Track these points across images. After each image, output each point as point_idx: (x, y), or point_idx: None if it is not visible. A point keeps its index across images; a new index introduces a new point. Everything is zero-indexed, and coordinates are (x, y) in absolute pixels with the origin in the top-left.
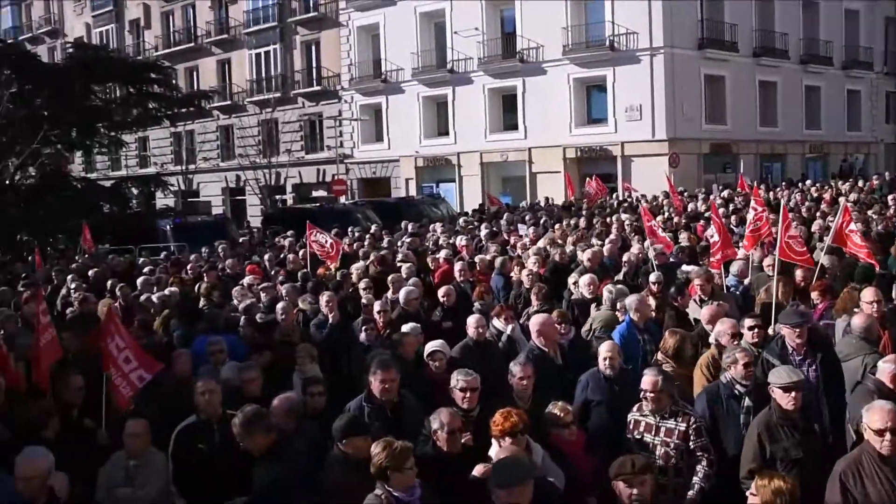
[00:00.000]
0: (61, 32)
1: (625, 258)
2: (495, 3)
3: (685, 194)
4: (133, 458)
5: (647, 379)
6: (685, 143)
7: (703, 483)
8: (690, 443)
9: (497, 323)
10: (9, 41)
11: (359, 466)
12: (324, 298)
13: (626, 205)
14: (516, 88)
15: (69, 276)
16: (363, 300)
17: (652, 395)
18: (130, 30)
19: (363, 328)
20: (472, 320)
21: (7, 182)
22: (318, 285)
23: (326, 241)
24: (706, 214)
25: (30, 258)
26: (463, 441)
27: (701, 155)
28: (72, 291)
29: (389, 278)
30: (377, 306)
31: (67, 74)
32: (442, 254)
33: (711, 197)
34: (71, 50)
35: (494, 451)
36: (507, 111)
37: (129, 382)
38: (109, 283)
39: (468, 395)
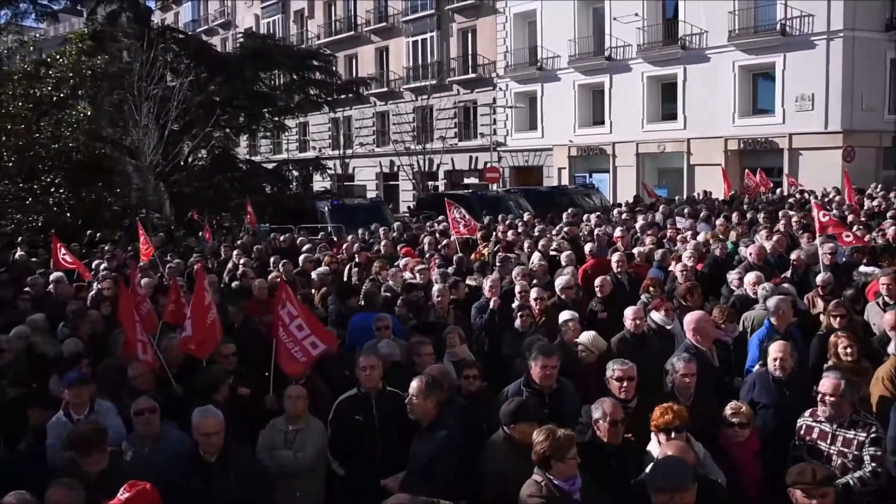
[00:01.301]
0: (233, 24)
1: (793, 256)
2: None
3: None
4: (292, 423)
5: (828, 382)
6: (862, 136)
7: (857, 482)
8: (864, 451)
9: (657, 316)
10: (188, 33)
11: (522, 452)
12: (487, 282)
13: (791, 200)
14: (676, 77)
15: (235, 252)
16: (517, 287)
17: (832, 399)
18: (295, 20)
19: (518, 314)
20: (629, 311)
21: (182, 163)
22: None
23: (463, 217)
24: (888, 214)
25: (200, 233)
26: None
27: (881, 149)
28: (239, 266)
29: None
30: (534, 293)
31: (239, 63)
32: (587, 247)
33: (893, 195)
34: (242, 40)
35: (653, 447)
36: (665, 100)
37: (302, 349)
38: (272, 259)
39: (625, 384)
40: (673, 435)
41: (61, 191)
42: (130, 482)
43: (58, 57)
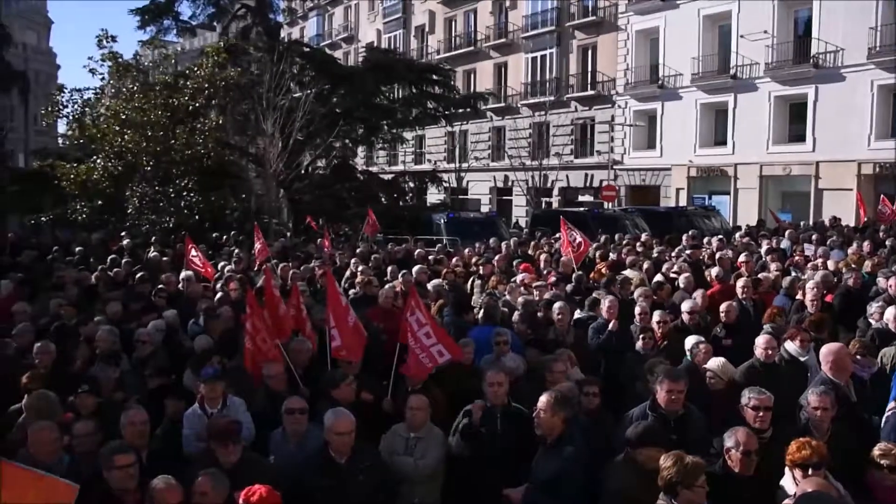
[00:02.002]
0: (356, 38)
1: None
2: (789, 3)
3: None
4: (413, 431)
5: None
6: None
7: None
8: None
9: (791, 346)
10: (313, 47)
11: (646, 475)
12: (605, 303)
13: None
14: (807, 96)
15: (353, 260)
16: (638, 308)
17: None
18: (416, 35)
19: (640, 336)
20: (761, 340)
21: (302, 171)
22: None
23: (576, 239)
24: None
25: (318, 240)
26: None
27: None
28: (357, 274)
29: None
30: (657, 316)
31: (360, 76)
32: (713, 271)
33: None
34: (364, 53)
35: (787, 482)
36: (793, 121)
37: (429, 355)
38: (389, 269)
39: (761, 413)
40: (811, 471)
41: (192, 194)
42: (247, 489)
43: (195, 69)
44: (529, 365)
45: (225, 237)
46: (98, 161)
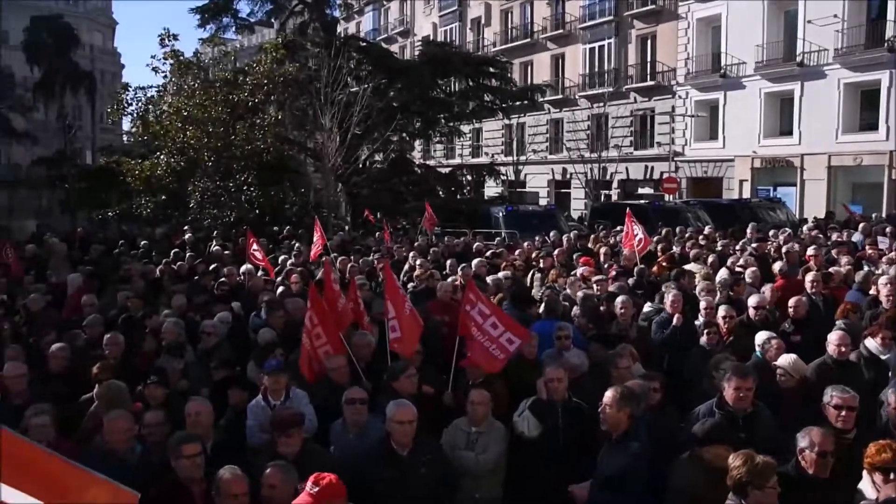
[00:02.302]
0: (412, 32)
1: None
2: None
3: None
4: (475, 425)
5: None
6: None
7: None
8: None
9: (871, 343)
10: (370, 42)
11: (713, 474)
12: (669, 297)
13: None
14: (880, 83)
15: (411, 254)
16: (703, 303)
17: None
18: (472, 27)
19: (705, 331)
20: (834, 337)
21: (361, 166)
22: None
23: (638, 234)
24: None
25: (377, 234)
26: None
27: None
28: (416, 267)
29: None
30: (722, 311)
31: (417, 69)
32: (777, 265)
33: None
34: (420, 47)
35: (865, 485)
36: (865, 109)
37: (499, 346)
38: (448, 262)
39: (843, 413)
40: (892, 476)
41: (252, 189)
42: (317, 475)
43: (254, 65)
44: (592, 360)
45: (284, 231)
46: (161, 157)
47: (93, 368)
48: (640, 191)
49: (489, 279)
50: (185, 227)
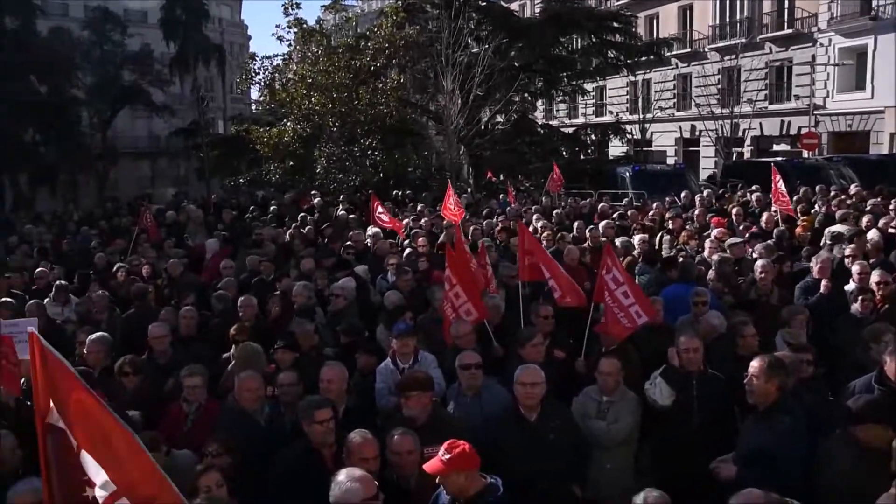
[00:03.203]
0: None
1: None
2: None
3: None
4: (607, 395)
5: None
6: None
7: None
8: None
9: None
10: (490, 1)
11: (868, 456)
12: (817, 263)
13: None
14: None
15: (534, 216)
16: (856, 267)
17: None
18: None
19: (859, 298)
20: None
21: (483, 128)
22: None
23: (784, 195)
24: None
25: (501, 196)
26: None
27: None
28: (538, 229)
29: None
30: (875, 276)
31: (539, 27)
32: None
33: None
34: (541, 4)
35: None
36: None
37: (627, 315)
38: (576, 224)
39: None
40: None
41: (376, 153)
42: (450, 441)
43: (375, 29)
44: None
45: (407, 193)
46: (288, 124)
47: (230, 330)
48: (776, 147)
49: (618, 241)
50: (313, 192)
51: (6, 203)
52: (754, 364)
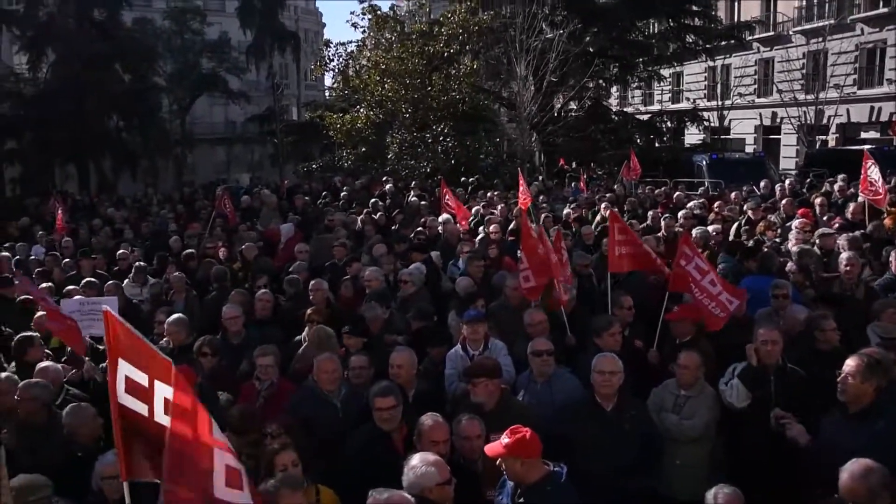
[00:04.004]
0: None
1: None
2: None
3: None
4: (684, 388)
5: None
6: None
7: None
8: None
9: None
10: None
11: None
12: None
13: None
14: None
15: (603, 205)
16: None
17: None
18: None
19: None
20: None
21: (556, 114)
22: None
23: (878, 183)
24: None
25: (573, 184)
26: None
27: None
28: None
29: None
30: None
31: (615, 11)
32: None
33: None
34: None
35: None
36: None
37: (719, 304)
38: (650, 213)
39: None
40: None
41: (448, 139)
42: (514, 427)
43: (448, 15)
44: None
45: (477, 180)
46: (361, 110)
47: (306, 311)
48: (864, 135)
49: (695, 232)
50: (385, 178)
51: (90, 187)
52: (850, 363)
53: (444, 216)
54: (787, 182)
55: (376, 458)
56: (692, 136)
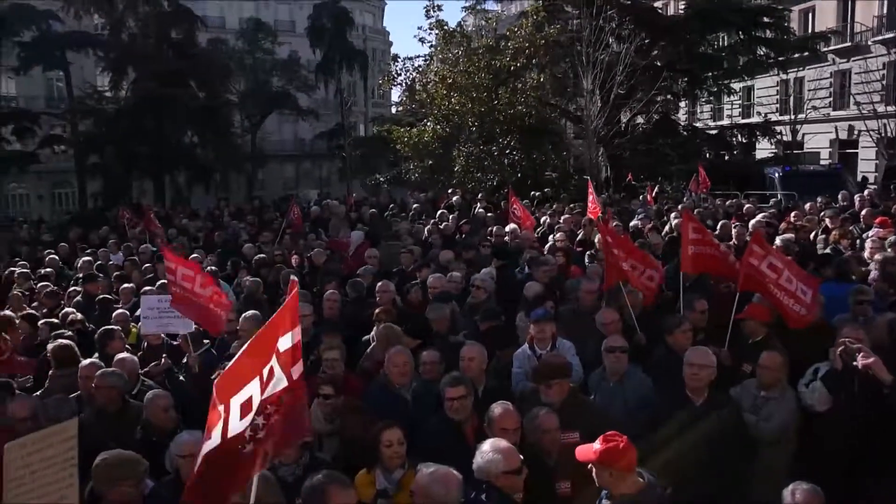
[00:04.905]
0: None
1: None
2: None
3: None
4: (765, 389)
5: None
6: None
7: None
8: None
9: None
10: None
11: None
12: None
13: None
14: None
15: (672, 214)
16: None
17: None
18: None
19: None
20: None
21: (623, 128)
22: None
23: None
24: None
25: (641, 196)
26: None
27: None
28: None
29: None
30: None
31: (683, 24)
32: None
33: None
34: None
35: None
36: None
37: (797, 301)
38: (721, 223)
39: None
40: None
41: (514, 153)
42: (611, 433)
43: (515, 30)
44: None
45: (544, 194)
46: (428, 124)
47: (374, 312)
48: None
49: (778, 240)
50: (450, 192)
51: (165, 200)
52: None
53: (512, 226)
54: (867, 192)
55: (448, 449)
56: (763, 150)
